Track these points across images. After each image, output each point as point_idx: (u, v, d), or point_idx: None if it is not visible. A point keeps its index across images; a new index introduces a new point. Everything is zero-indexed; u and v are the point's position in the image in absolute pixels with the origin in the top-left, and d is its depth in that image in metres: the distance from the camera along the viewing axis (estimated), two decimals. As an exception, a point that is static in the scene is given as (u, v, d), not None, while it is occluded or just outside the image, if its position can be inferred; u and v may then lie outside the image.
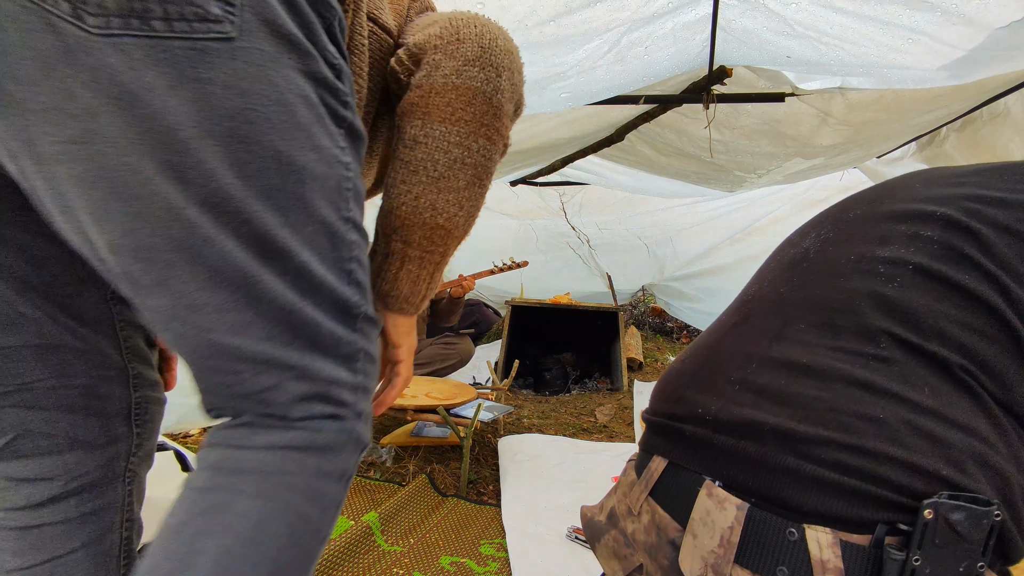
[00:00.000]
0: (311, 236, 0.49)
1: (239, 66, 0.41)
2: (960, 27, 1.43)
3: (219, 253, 0.44)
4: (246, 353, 0.47)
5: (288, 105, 0.44)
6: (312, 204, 0.48)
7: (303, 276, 0.49)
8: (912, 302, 0.58)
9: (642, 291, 5.07)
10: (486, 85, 0.58)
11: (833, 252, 0.68)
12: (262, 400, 0.49)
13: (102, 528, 0.62)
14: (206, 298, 0.45)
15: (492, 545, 1.52)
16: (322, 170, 0.48)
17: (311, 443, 0.50)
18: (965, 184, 0.66)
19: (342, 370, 0.52)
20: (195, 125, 0.41)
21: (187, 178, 0.42)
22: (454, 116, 0.58)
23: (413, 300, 0.65)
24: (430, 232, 0.61)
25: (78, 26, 0.37)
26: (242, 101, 0.42)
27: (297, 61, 0.45)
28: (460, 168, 0.59)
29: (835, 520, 0.52)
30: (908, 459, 0.51)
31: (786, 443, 0.56)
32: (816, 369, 0.59)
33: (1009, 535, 0.52)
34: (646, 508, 0.68)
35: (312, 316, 0.49)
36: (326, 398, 0.51)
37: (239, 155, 0.43)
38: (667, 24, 1.63)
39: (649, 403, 0.80)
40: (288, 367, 0.49)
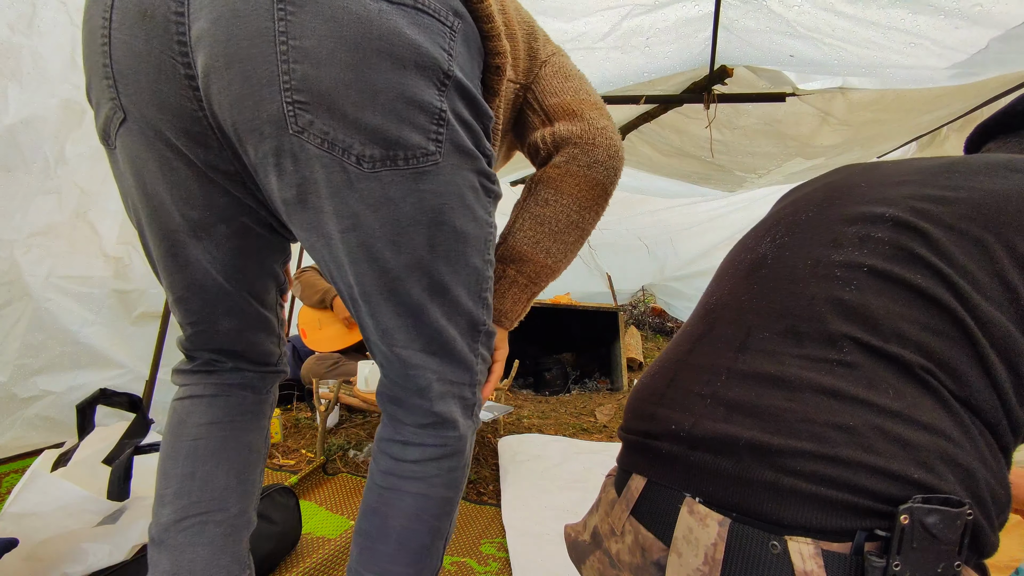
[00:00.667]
0: (464, 278, 0.71)
1: (440, 178, 0.64)
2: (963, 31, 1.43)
3: (407, 295, 0.67)
4: (410, 361, 0.71)
5: (463, 196, 0.67)
6: (469, 257, 0.70)
7: (454, 306, 0.71)
8: (869, 305, 0.59)
9: (642, 291, 5.07)
10: (605, 180, 0.79)
11: (790, 257, 0.69)
12: (423, 395, 0.72)
13: (260, 415, 0.89)
14: (391, 322, 0.69)
15: (493, 544, 1.52)
16: (477, 232, 0.70)
17: (442, 454, 0.75)
18: (908, 183, 0.67)
19: (465, 372, 0.75)
20: (411, 216, 0.64)
21: (399, 250, 0.65)
22: (579, 194, 0.79)
23: (511, 316, 0.85)
24: (540, 268, 0.82)
25: (358, 168, 0.61)
26: (439, 200, 0.64)
27: (470, 164, 0.67)
28: (573, 229, 0.81)
29: (816, 531, 0.53)
30: (881, 465, 0.52)
31: (762, 457, 0.57)
32: (784, 379, 0.60)
33: (981, 531, 0.53)
34: (629, 528, 0.68)
35: (452, 335, 0.72)
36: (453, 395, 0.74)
37: (433, 233, 0.65)
38: (669, 16, 1.63)
39: (623, 420, 0.80)
40: (433, 371, 0.72)
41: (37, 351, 1.79)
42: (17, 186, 1.69)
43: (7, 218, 1.69)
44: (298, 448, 2.10)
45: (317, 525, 1.54)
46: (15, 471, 1.70)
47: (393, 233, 0.64)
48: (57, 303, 1.80)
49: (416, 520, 0.74)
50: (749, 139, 2.43)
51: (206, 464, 0.80)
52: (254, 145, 0.61)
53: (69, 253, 1.81)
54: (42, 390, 1.80)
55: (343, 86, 0.57)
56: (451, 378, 0.74)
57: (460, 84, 0.63)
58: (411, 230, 0.64)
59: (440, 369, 0.72)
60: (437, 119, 0.61)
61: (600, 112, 0.82)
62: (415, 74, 0.59)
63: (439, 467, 0.75)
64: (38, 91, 1.59)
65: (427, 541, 0.75)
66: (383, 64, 0.57)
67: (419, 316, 0.69)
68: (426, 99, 0.60)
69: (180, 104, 0.63)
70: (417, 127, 0.60)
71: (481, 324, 0.75)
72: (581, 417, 2.74)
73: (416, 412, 0.74)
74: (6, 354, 1.72)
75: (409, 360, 0.71)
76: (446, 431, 0.74)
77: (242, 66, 0.57)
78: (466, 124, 0.65)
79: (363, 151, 0.59)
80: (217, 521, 0.79)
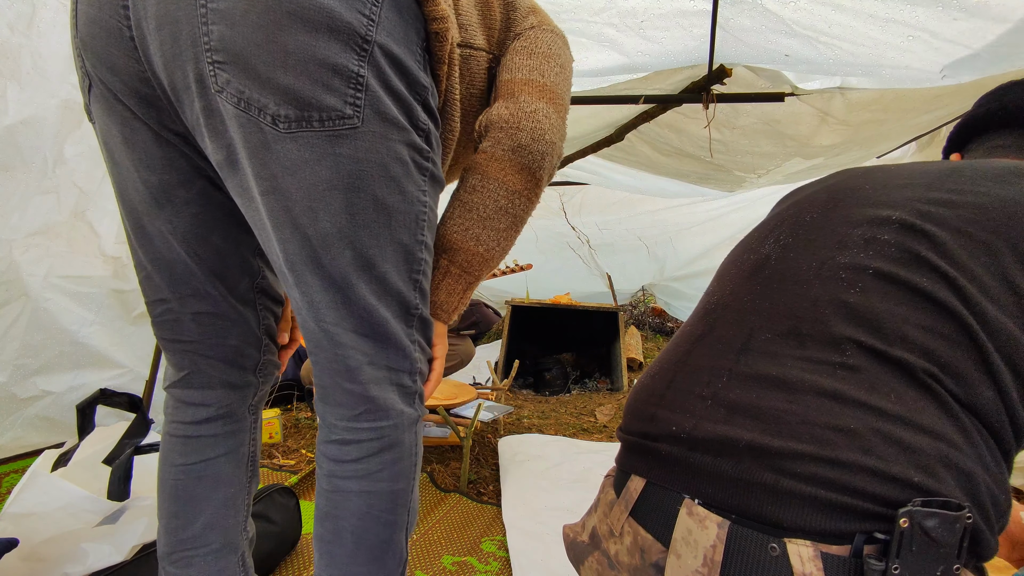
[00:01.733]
0: (392, 254, 0.69)
1: (358, 143, 0.63)
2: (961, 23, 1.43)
3: (331, 266, 0.66)
4: (339, 340, 0.69)
5: (386, 166, 0.66)
6: (395, 232, 0.69)
7: (382, 284, 0.69)
8: (874, 308, 0.59)
9: (642, 291, 5.07)
10: (532, 164, 0.77)
11: (794, 259, 0.69)
12: (351, 378, 0.70)
13: (237, 443, 0.89)
14: (320, 297, 0.68)
15: (494, 543, 1.52)
16: (404, 207, 0.69)
17: (380, 447, 0.73)
18: (913, 186, 0.67)
19: (403, 359, 0.73)
20: (328, 180, 0.63)
21: (317, 216, 0.64)
22: (505, 179, 0.77)
23: (447, 308, 0.81)
24: (471, 257, 0.79)
25: (274, 128, 0.61)
26: (356, 166, 0.64)
27: (398, 135, 0.66)
28: (503, 215, 0.78)
29: (815, 533, 0.53)
30: (881, 468, 0.52)
31: (762, 459, 0.57)
32: (785, 381, 0.60)
33: (981, 534, 0.53)
34: (627, 529, 0.68)
35: (383, 315, 0.70)
36: (389, 381, 0.72)
37: (351, 199, 0.65)
38: (665, 5, 1.63)
39: (622, 420, 0.80)
40: (364, 353, 0.70)
41: (36, 351, 1.78)
42: (16, 186, 1.69)
43: (6, 218, 1.69)
44: (298, 448, 2.10)
45: (317, 525, 1.54)
46: (15, 471, 1.69)
47: (310, 197, 0.63)
48: (56, 303, 1.80)
49: (368, 518, 0.73)
50: (748, 139, 2.43)
51: (186, 506, 0.85)
52: (188, 104, 0.65)
53: (68, 253, 1.81)
54: (42, 390, 1.80)
55: (254, 46, 0.58)
56: (387, 363, 0.72)
57: (387, 51, 0.63)
58: (328, 195, 0.63)
59: (373, 353, 0.70)
60: (354, 84, 0.62)
61: (539, 94, 0.78)
62: (327, 37, 0.59)
63: (380, 461, 0.72)
64: (37, 91, 1.59)
65: (385, 536, 0.74)
66: (294, 26, 0.58)
67: (347, 292, 0.67)
68: (341, 62, 0.60)
69: (128, 65, 0.67)
70: (332, 89, 0.61)
71: (414, 308, 0.73)
72: (581, 417, 2.74)
73: (347, 402, 0.72)
74: (5, 354, 1.72)
75: (338, 338, 0.69)
76: (379, 420, 0.72)
77: (171, 28, 0.61)
78: (394, 93, 0.65)
79: (278, 111, 0.60)
80: (202, 554, 0.86)
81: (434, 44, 0.69)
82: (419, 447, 0.78)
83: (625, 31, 1.74)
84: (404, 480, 0.75)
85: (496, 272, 2.90)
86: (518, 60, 0.81)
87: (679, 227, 4.49)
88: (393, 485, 0.74)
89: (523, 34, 0.83)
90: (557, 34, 0.86)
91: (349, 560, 0.73)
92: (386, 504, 0.74)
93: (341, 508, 0.73)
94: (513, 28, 0.83)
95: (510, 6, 0.83)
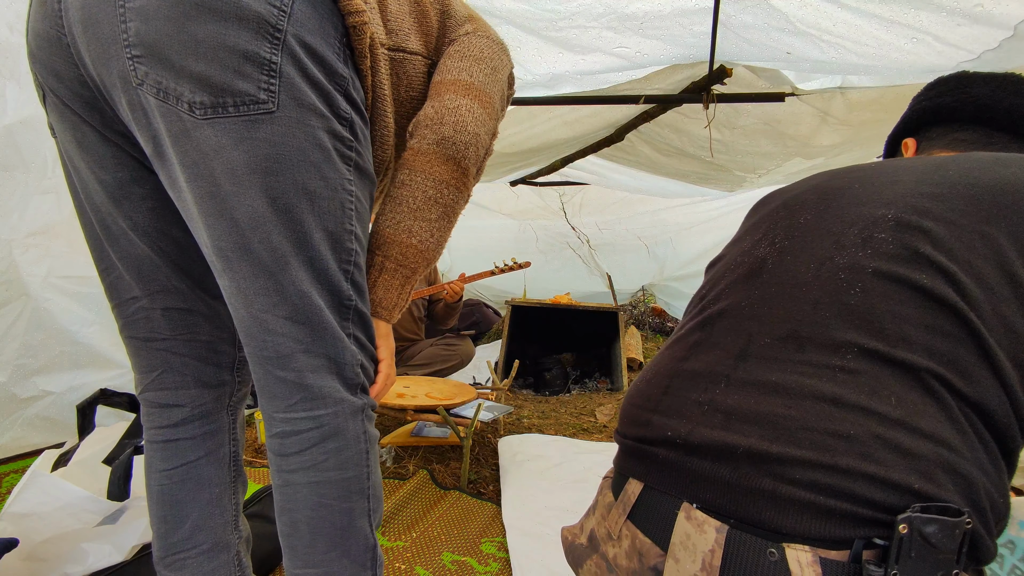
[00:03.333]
0: (319, 240, 0.70)
1: (275, 128, 0.65)
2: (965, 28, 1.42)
3: (259, 252, 0.67)
4: (270, 327, 0.69)
5: (305, 152, 0.67)
6: (321, 218, 0.70)
7: (312, 271, 0.70)
8: (875, 309, 0.59)
9: (642, 291, 5.07)
10: (456, 154, 0.79)
11: (792, 262, 0.68)
12: (283, 365, 0.70)
13: (217, 444, 0.90)
14: (250, 284, 0.68)
15: (493, 544, 1.52)
16: (327, 194, 0.70)
17: (322, 436, 0.72)
18: (902, 182, 0.67)
19: (341, 350, 0.73)
20: (246, 163, 0.65)
21: (241, 200, 0.66)
22: (431, 170, 0.79)
23: (386, 305, 0.82)
24: (405, 249, 0.80)
25: (192, 115, 0.63)
26: (274, 149, 0.65)
27: (318, 122, 0.68)
28: (433, 205, 0.80)
29: (814, 539, 0.53)
30: (880, 474, 0.52)
31: (760, 465, 0.56)
32: (784, 386, 0.59)
33: (980, 539, 0.53)
34: (626, 532, 0.68)
35: (318, 303, 0.70)
36: (328, 370, 0.72)
37: (270, 183, 0.66)
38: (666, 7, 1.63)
39: (618, 424, 0.79)
40: (298, 341, 0.70)
41: (36, 351, 1.79)
42: (15, 185, 1.69)
43: (6, 217, 1.69)
44: (298, 448, 2.10)
45: (317, 525, 1.54)
46: (15, 471, 1.69)
47: (232, 182, 0.65)
48: (56, 303, 1.80)
49: (321, 508, 0.72)
50: (749, 139, 2.43)
51: (172, 509, 0.87)
52: (119, 101, 0.68)
53: (68, 253, 1.81)
54: (42, 390, 1.80)
55: (167, 37, 0.62)
56: (325, 351, 0.71)
57: (302, 41, 0.66)
58: (248, 179, 0.65)
59: (309, 340, 0.70)
60: (268, 70, 0.64)
61: (465, 92, 0.81)
62: (236, 26, 0.62)
63: (324, 451, 0.72)
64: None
65: (342, 523, 0.74)
66: (203, 16, 0.61)
67: (278, 276, 0.68)
68: (252, 49, 0.63)
69: (68, 71, 0.70)
70: (244, 75, 0.63)
71: (347, 299, 0.73)
72: (581, 417, 2.74)
73: (281, 392, 0.71)
74: (5, 354, 1.72)
75: (269, 325, 0.69)
76: (316, 408, 0.71)
77: (95, 28, 0.64)
78: (311, 80, 0.67)
79: (193, 98, 0.63)
80: (194, 556, 0.87)
81: (353, 38, 0.71)
82: (369, 435, 0.77)
83: (624, 32, 1.74)
84: (353, 468, 0.74)
85: (494, 270, 2.90)
86: (449, 63, 0.84)
87: (679, 227, 4.49)
88: (342, 474, 0.73)
89: (458, 40, 0.86)
90: (493, 40, 0.89)
91: (307, 550, 0.73)
92: (338, 492, 0.73)
93: (293, 501, 0.73)
94: (449, 35, 0.86)
95: (446, 14, 0.87)
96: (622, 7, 1.62)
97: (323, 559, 0.73)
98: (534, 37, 1.81)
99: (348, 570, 0.74)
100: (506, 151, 2.85)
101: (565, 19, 1.69)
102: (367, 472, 0.76)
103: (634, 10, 1.63)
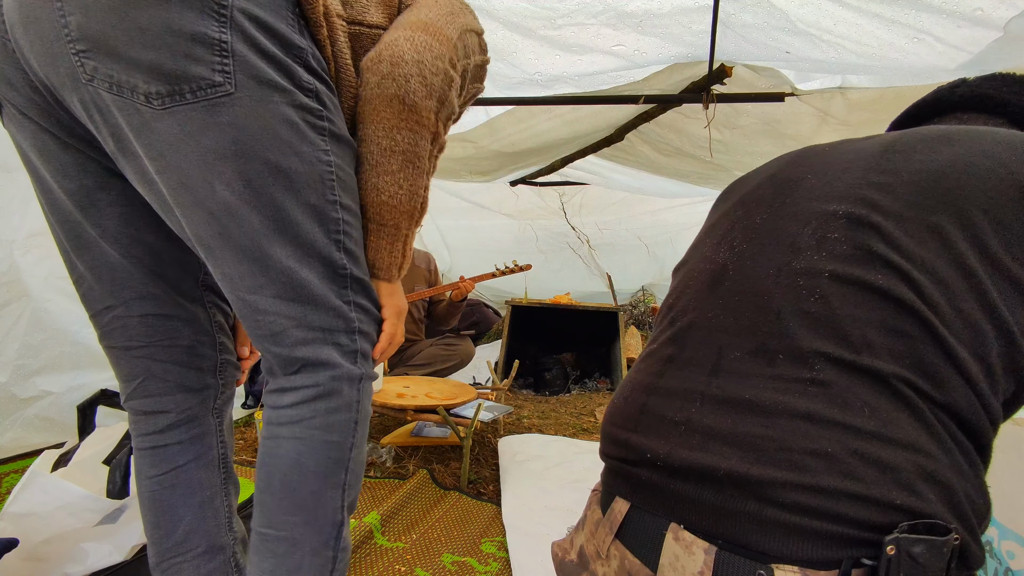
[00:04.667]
0: (302, 217, 0.68)
1: (237, 110, 0.63)
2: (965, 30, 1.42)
3: (241, 236, 0.66)
4: (258, 307, 0.69)
5: (274, 130, 0.65)
6: (301, 194, 0.68)
7: (300, 247, 0.69)
8: (836, 315, 0.58)
9: (642, 291, 5.07)
10: (399, 91, 0.72)
11: (752, 267, 0.68)
12: (277, 342, 0.71)
13: (205, 447, 0.90)
14: (234, 269, 0.68)
15: (493, 543, 1.52)
16: (304, 169, 0.68)
17: (317, 394, 0.71)
18: (852, 169, 0.66)
19: (335, 319, 0.72)
20: (215, 150, 0.63)
21: (214, 188, 0.64)
22: (380, 117, 0.74)
23: (380, 266, 0.79)
24: (377, 207, 0.76)
25: (150, 107, 0.61)
26: (239, 132, 0.63)
27: (281, 97, 0.65)
28: (389, 156, 0.75)
29: (802, 560, 0.53)
30: (862, 492, 0.52)
31: (743, 488, 0.56)
32: (759, 404, 0.59)
33: (967, 548, 0.53)
34: (615, 552, 0.68)
35: (306, 277, 0.70)
36: (324, 341, 0.72)
37: (243, 167, 0.64)
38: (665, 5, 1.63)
39: (600, 443, 0.79)
40: (290, 317, 0.70)
41: (37, 351, 1.79)
42: (16, 186, 1.69)
43: (7, 218, 1.69)
44: (298, 448, 2.10)
45: (317, 525, 1.54)
46: (15, 471, 1.69)
47: (203, 170, 0.63)
48: (57, 303, 1.80)
49: (297, 467, 0.71)
50: (748, 139, 2.43)
51: (164, 515, 0.87)
52: (71, 101, 0.65)
53: (69, 253, 1.81)
54: (42, 390, 1.80)
55: (110, 28, 0.59)
56: (319, 324, 0.71)
57: (251, 15, 0.63)
58: (219, 165, 0.63)
59: (300, 315, 0.70)
60: (219, 50, 0.61)
61: (407, 28, 0.75)
62: (179, 7, 0.59)
63: (314, 408, 0.71)
64: (38, 91, 1.59)
65: (315, 488, 0.72)
66: (143, 2, 0.59)
67: (262, 260, 0.67)
68: (199, 30, 0.60)
69: (18, 77, 0.68)
70: (195, 59, 0.61)
71: (341, 268, 0.73)
72: (581, 417, 2.74)
73: (282, 365, 0.72)
74: (6, 354, 1.72)
75: (258, 305, 0.69)
76: (316, 373, 0.71)
77: (36, 27, 0.62)
78: (267, 55, 0.64)
79: (148, 88, 0.61)
80: (190, 559, 0.87)
81: (304, 7, 0.69)
82: (363, 405, 0.76)
83: (623, 29, 1.74)
84: (339, 433, 0.73)
85: (495, 272, 2.90)
86: (400, 18, 0.80)
87: (679, 227, 4.48)
88: (326, 435, 0.72)
89: (414, 4, 0.81)
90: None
91: (276, 508, 0.72)
92: (318, 455, 0.72)
93: (273, 455, 0.72)
94: (407, 2, 0.82)
95: None
96: (622, 5, 1.62)
97: (286, 522, 0.71)
98: (532, 37, 1.81)
99: (309, 541, 0.72)
100: (506, 151, 2.85)
101: (564, 16, 1.69)
102: (351, 443, 0.74)
103: (634, 8, 1.63)
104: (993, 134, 0.62)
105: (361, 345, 0.75)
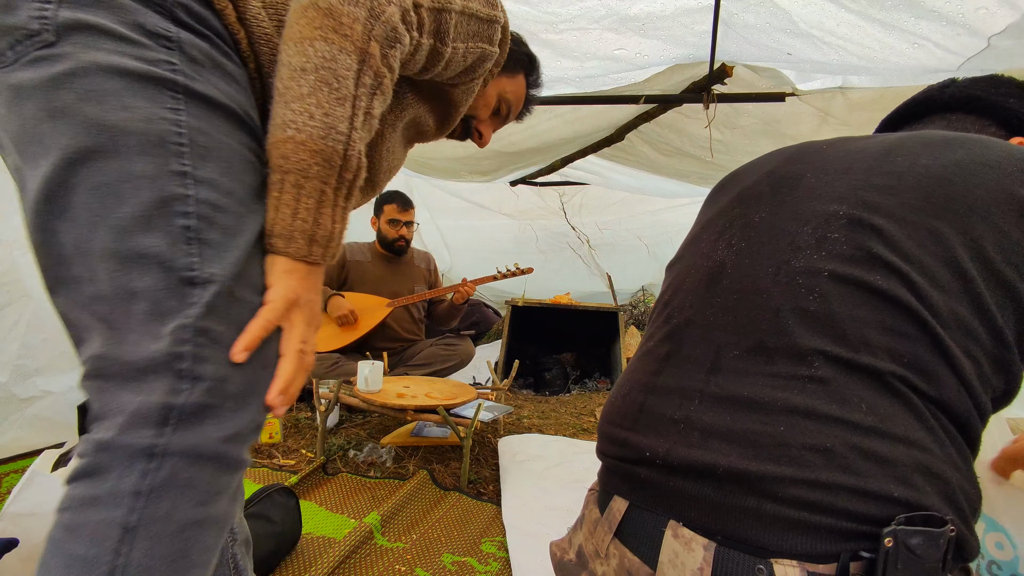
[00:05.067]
0: (129, 190, 0.52)
1: (57, 63, 0.52)
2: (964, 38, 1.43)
3: (55, 221, 0.53)
4: (67, 315, 0.55)
5: (93, 80, 0.52)
6: (127, 156, 0.52)
7: (118, 235, 0.51)
8: (835, 314, 0.59)
9: (642, 291, 5.07)
10: None
11: (750, 265, 0.68)
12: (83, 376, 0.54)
13: None
14: (56, 272, 0.54)
15: (493, 543, 1.52)
16: (137, 127, 0.53)
17: (77, 470, 0.52)
18: (854, 170, 0.67)
19: (157, 343, 0.51)
20: (40, 109, 0.52)
21: (32, 146, 0.53)
22: (293, 32, 0.60)
23: (278, 231, 0.59)
24: (283, 148, 0.58)
25: None
26: (58, 86, 0.51)
27: (112, 44, 0.53)
28: (300, 75, 0.58)
29: (801, 555, 0.53)
30: (861, 486, 0.53)
31: (742, 483, 0.57)
32: (757, 401, 0.60)
33: (963, 540, 0.54)
34: (614, 551, 0.68)
35: (128, 285, 0.51)
36: (122, 381, 0.51)
37: (59, 124, 0.51)
38: (667, 7, 1.63)
39: (597, 442, 0.79)
40: (94, 334, 0.53)
41: (37, 351, 1.79)
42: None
43: (7, 218, 1.69)
44: (298, 448, 2.10)
45: (317, 525, 1.54)
46: (15, 471, 1.69)
47: (26, 133, 0.53)
48: (57, 303, 1.80)
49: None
50: (749, 139, 2.43)
51: None
52: None
53: (69, 253, 1.81)
54: (42, 390, 1.80)
55: None
56: (112, 355, 0.51)
57: None
58: (41, 123, 0.52)
59: (99, 340, 0.52)
60: None
61: None
62: None
63: (70, 495, 0.52)
64: (38, 91, 1.59)
65: None
66: None
67: (72, 257, 0.52)
68: None
69: None
70: (11, 6, 0.52)
71: (186, 270, 0.52)
72: (581, 417, 2.74)
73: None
74: (6, 354, 1.72)
75: (66, 313, 0.54)
76: (93, 432, 0.53)
77: None
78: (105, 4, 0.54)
79: None
80: None
81: None
82: (157, 505, 0.50)
83: (625, 33, 1.74)
84: (86, 544, 0.48)
85: (496, 275, 2.90)
86: None
87: (679, 227, 4.48)
88: (68, 543, 0.50)
89: None
90: None
91: None
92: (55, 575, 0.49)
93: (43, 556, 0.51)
94: None
95: None
96: (624, 8, 1.62)
97: None
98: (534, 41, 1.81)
99: None
100: (506, 151, 2.85)
101: (566, 21, 1.69)
102: (113, 568, 0.48)
103: (636, 11, 1.63)
104: (995, 144, 0.63)
105: (188, 398, 0.51)
